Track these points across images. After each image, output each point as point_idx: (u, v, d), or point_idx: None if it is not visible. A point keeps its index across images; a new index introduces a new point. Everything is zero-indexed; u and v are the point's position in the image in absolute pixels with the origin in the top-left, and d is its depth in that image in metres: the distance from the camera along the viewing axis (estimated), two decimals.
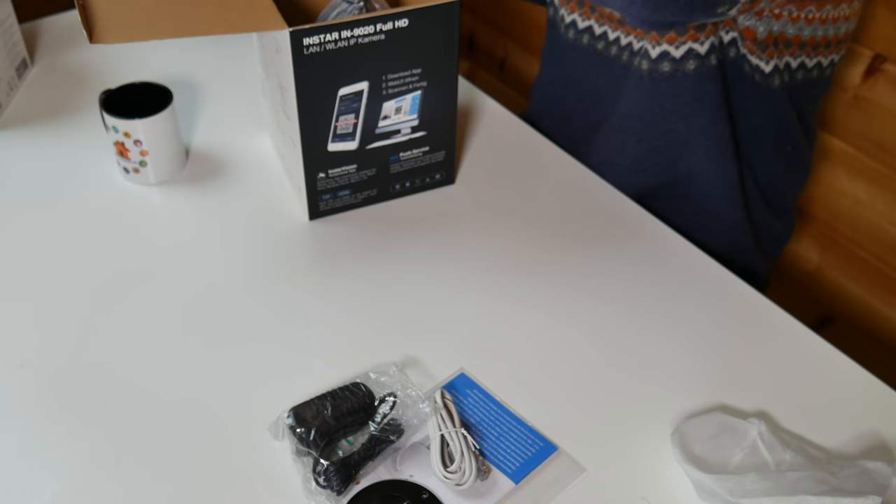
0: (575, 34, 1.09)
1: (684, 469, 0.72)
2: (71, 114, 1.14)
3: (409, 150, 0.98)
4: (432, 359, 0.83)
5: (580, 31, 1.08)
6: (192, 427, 0.77)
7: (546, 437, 0.77)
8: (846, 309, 1.39)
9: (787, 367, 0.84)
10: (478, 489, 0.72)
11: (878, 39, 1.17)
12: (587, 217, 1.01)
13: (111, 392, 0.79)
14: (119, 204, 1.01)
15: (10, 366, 0.82)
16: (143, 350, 0.83)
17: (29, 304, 0.88)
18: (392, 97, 0.91)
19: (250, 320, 0.87)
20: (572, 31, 1.09)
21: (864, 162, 1.26)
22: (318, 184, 0.95)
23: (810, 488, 0.67)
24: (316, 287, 0.90)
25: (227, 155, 1.08)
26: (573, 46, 1.10)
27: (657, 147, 1.04)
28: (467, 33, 2.20)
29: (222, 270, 0.92)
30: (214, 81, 1.21)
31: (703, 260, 0.95)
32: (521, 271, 0.93)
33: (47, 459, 0.74)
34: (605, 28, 1.04)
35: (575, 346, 0.85)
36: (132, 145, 0.99)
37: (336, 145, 0.93)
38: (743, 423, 0.75)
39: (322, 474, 0.70)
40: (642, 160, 1.06)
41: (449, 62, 0.92)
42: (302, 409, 0.74)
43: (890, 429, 0.78)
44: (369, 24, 0.85)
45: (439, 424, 0.74)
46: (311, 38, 0.83)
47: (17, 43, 1.17)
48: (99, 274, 0.91)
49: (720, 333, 0.87)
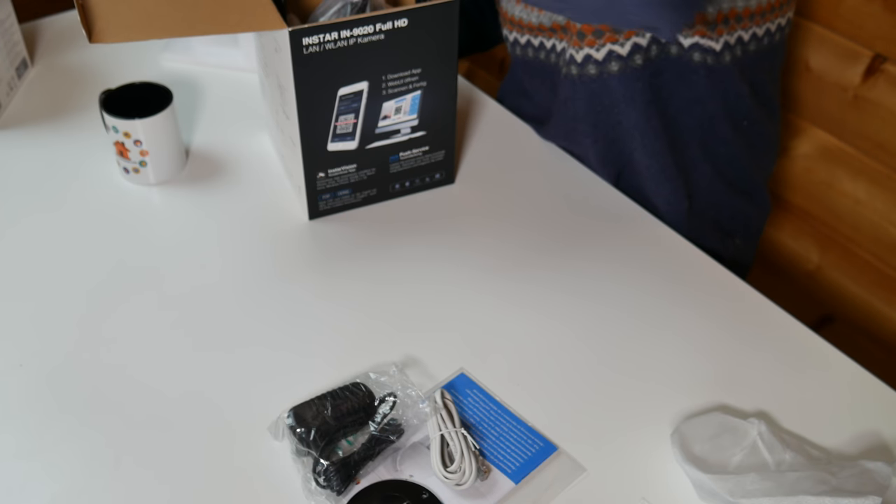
0: (520, 49, 1.12)
1: (684, 469, 0.72)
2: (71, 114, 1.14)
3: (409, 150, 0.98)
4: (432, 359, 0.83)
5: (523, 46, 1.11)
6: (191, 427, 0.77)
7: (546, 437, 0.77)
8: (846, 309, 1.39)
9: (787, 367, 0.84)
10: (478, 489, 0.72)
11: (878, 39, 1.16)
12: (587, 217, 1.01)
13: (111, 392, 0.79)
14: (119, 204, 1.01)
15: (10, 366, 0.82)
16: (142, 350, 0.83)
17: (28, 303, 0.88)
18: (392, 97, 0.91)
19: (250, 320, 0.87)
20: (518, 48, 1.13)
21: (864, 162, 1.26)
22: (318, 183, 0.95)
23: (810, 488, 0.67)
24: (316, 287, 0.90)
25: (227, 155, 1.08)
26: (522, 62, 1.14)
27: (613, 140, 1.05)
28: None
29: (222, 270, 0.92)
30: (214, 81, 1.21)
31: (703, 260, 0.95)
32: (520, 271, 0.93)
33: (47, 459, 0.74)
34: (539, 39, 1.07)
35: (575, 345, 0.85)
36: (132, 145, 0.99)
37: (336, 145, 0.93)
38: (743, 423, 0.75)
39: (322, 474, 0.70)
40: (604, 155, 1.06)
41: (448, 62, 0.92)
42: (302, 409, 0.74)
43: (890, 429, 0.78)
44: (369, 24, 0.85)
45: (439, 424, 0.74)
46: (310, 38, 0.83)
47: (17, 43, 1.17)
48: (99, 274, 0.91)
49: (720, 333, 0.87)
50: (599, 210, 1.01)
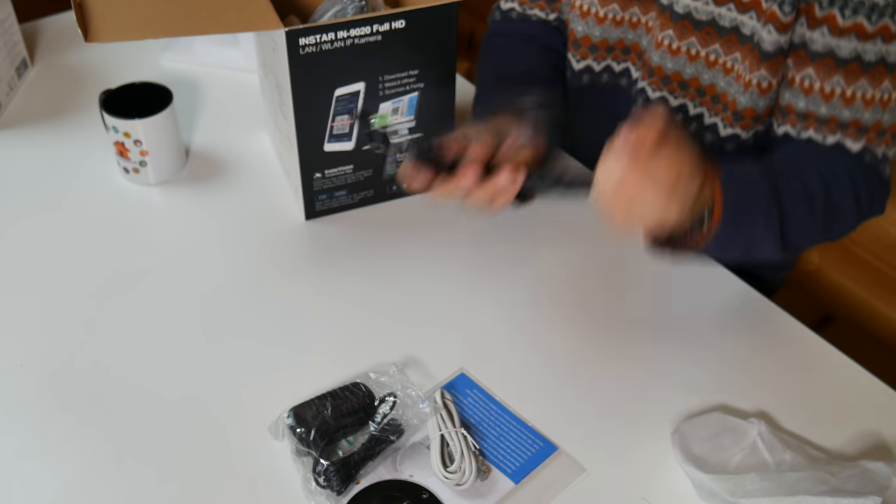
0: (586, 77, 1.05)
1: (684, 469, 0.72)
2: (71, 114, 1.14)
3: (407, 152, 0.97)
4: (432, 359, 0.83)
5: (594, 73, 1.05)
6: (192, 426, 0.77)
7: (546, 437, 0.77)
8: (846, 309, 1.39)
9: (787, 367, 0.84)
10: (478, 489, 0.72)
11: None
12: (586, 217, 1.00)
13: (111, 392, 0.79)
14: (119, 204, 1.01)
15: (11, 366, 0.82)
16: (142, 350, 0.83)
17: (29, 303, 0.88)
18: (389, 98, 0.91)
19: (250, 320, 0.87)
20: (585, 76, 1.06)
21: None
22: (315, 184, 0.95)
23: (810, 488, 0.67)
24: (316, 287, 0.90)
25: (227, 155, 1.08)
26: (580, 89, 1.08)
27: None
28: (467, 33, 2.20)
29: (222, 270, 0.92)
30: (214, 81, 1.21)
31: (704, 261, 0.95)
32: (519, 271, 0.93)
33: (48, 459, 0.74)
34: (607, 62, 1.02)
35: (575, 345, 0.85)
36: (132, 145, 0.99)
37: (332, 145, 0.93)
38: (743, 423, 0.75)
39: (322, 474, 0.70)
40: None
41: (447, 64, 0.92)
42: (302, 409, 0.74)
43: (890, 429, 0.78)
44: (366, 25, 0.85)
45: (439, 424, 0.74)
46: (307, 39, 0.83)
47: (17, 43, 1.17)
48: (99, 274, 0.91)
49: (720, 333, 0.87)
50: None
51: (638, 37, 0.97)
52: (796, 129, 0.88)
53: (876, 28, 0.79)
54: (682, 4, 0.89)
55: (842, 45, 0.81)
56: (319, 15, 0.92)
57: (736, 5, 0.86)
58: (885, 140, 0.85)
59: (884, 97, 0.83)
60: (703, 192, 0.73)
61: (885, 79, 0.82)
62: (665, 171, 0.69)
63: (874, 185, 0.86)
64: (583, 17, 0.98)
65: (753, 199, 0.78)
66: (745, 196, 0.77)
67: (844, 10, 0.80)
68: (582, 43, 1.00)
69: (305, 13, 0.96)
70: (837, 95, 0.83)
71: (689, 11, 0.89)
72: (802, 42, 0.84)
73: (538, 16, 1.05)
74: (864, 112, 0.83)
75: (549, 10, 1.04)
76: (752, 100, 0.88)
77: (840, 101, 0.83)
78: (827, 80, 0.83)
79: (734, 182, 0.76)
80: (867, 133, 0.85)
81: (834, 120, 0.85)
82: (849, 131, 0.85)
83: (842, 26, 0.80)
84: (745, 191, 0.77)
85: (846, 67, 0.82)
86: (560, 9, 1.03)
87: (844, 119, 0.84)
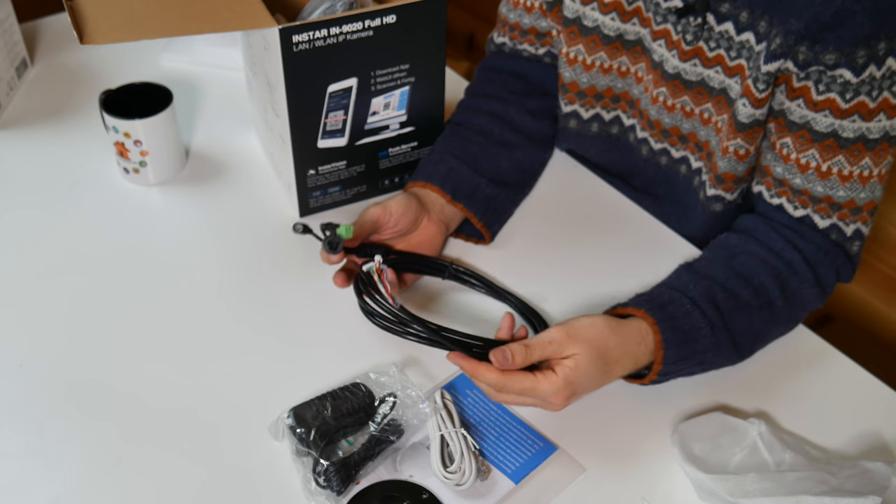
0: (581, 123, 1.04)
1: (684, 469, 0.72)
2: (71, 114, 1.14)
3: (398, 146, 0.98)
4: (432, 359, 0.83)
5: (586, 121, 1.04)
6: (191, 426, 0.77)
7: (546, 437, 0.77)
8: (846, 309, 1.39)
9: (787, 367, 0.84)
10: (478, 489, 0.72)
11: None
12: (585, 214, 1.00)
13: (111, 392, 0.79)
14: (119, 204, 1.01)
15: (10, 366, 0.82)
16: (142, 349, 0.83)
17: (29, 303, 0.88)
18: (380, 93, 0.92)
19: (251, 320, 0.87)
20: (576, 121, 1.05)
21: None
22: (308, 181, 0.95)
23: (810, 488, 0.67)
24: (316, 286, 0.90)
25: (228, 155, 1.08)
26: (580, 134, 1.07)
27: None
28: (467, 33, 2.20)
29: (222, 269, 0.92)
30: (214, 81, 1.21)
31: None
32: (517, 268, 0.93)
33: (47, 459, 0.74)
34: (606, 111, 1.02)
35: None
36: (132, 145, 0.99)
37: (325, 142, 0.93)
38: (743, 423, 0.75)
39: (322, 474, 0.70)
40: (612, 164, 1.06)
41: (436, 57, 0.93)
42: (302, 409, 0.74)
43: (890, 429, 0.78)
44: (357, 21, 0.85)
45: (439, 425, 0.74)
46: (300, 36, 0.83)
47: (17, 43, 1.17)
48: (99, 274, 0.91)
49: None
50: (597, 208, 1.01)
51: (628, 86, 0.97)
52: (770, 192, 0.88)
53: (850, 105, 0.78)
54: (672, 65, 0.89)
55: (818, 119, 0.80)
56: (308, 12, 0.92)
57: (723, 68, 0.85)
58: (861, 217, 0.84)
59: (863, 174, 0.81)
60: (640, 351, 0.75)
61: (866, 156, 0.80)
62: (595, 376, 0.73)
63: (840, 262, 0.85)
64: (570, 63, 0.97)
65: (697, 337, 0.77)
66: (689, 336, 0.77)
67: (819, 85, 0.79)
68: (570, 88, 0.99)
69: (292, 12, 0.96)
70: (812, 168, 0.83)
71: (678, 72, 0.89)
72: (781, 110, 0.83)
73: (528, 51, 1.04)
74: (839, 188, 0.82)
75: (539, 44, 1.03)
76: (731, 165, 0.88)
77: (815, 174, 0.83)
78: (803, 152, 0.83)
79: (674, 326, 0.76)
80: (839, 210, 0.84)
81: (806, 193, 0.84)
82: (820, 206, 0.84)
83: (815, 100, 0.80)
84: (687, 330, 0.77)
85: (822, 142, 0.81)
86: (551, 43, 1.02)
87: (817, 194, 0.84)
